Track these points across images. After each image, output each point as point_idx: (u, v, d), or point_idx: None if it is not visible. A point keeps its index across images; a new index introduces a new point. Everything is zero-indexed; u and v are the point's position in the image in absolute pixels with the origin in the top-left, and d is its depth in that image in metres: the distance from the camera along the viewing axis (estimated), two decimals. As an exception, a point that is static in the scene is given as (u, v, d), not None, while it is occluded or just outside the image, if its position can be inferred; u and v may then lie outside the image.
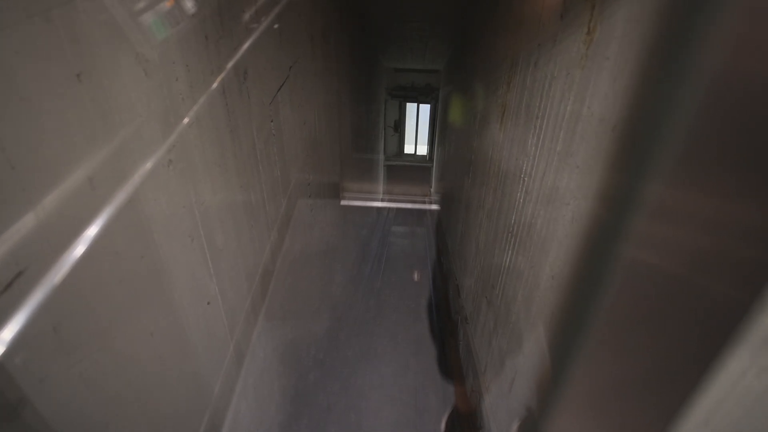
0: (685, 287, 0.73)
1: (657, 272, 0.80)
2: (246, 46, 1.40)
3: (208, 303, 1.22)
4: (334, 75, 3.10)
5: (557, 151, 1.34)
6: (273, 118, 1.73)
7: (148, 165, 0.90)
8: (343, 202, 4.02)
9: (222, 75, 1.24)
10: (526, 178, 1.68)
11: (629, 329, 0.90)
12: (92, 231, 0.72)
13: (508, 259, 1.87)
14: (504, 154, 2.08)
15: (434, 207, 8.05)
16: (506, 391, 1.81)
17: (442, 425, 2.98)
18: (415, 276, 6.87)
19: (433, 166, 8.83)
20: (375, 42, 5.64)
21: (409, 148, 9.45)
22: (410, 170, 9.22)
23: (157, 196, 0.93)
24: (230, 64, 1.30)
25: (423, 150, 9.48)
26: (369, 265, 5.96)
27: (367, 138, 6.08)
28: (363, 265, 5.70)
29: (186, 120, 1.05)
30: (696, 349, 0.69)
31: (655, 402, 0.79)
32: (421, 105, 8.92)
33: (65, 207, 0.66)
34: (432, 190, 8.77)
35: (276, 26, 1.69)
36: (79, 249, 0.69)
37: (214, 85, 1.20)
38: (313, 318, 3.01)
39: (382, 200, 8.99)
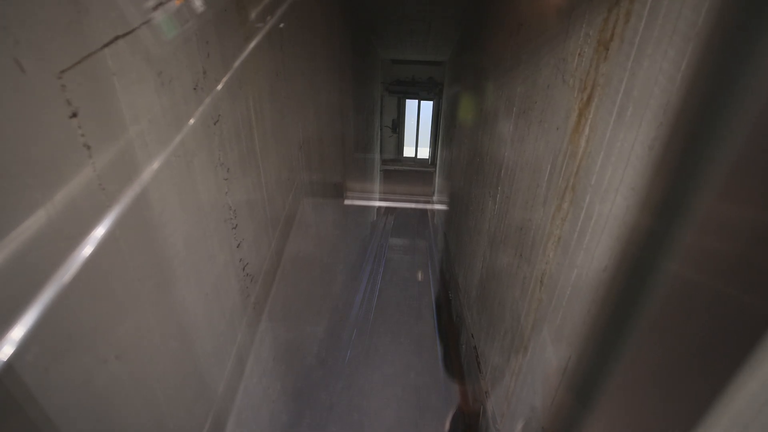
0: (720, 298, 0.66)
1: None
2: None
3: (211, 302, 1.25)
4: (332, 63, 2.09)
5: None
6: (77, 108, 0.71)
7: None
8: (346, 201, 3.03)
9: None
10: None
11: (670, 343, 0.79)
12: (99, 232, 0.73)
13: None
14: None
15: (438, 207, 7.07)
16: None
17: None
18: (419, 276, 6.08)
19: (435, 171, 7.81)
20: (367, 20, 4.62)
21: (408, 151, 8.43)
22: (410, 175, 8.20)
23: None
24: None
25: (425, 153, 8.47)
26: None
27: (359, 140, 5.06)
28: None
29: None
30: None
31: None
32: (422, 102, 7.90)
33: (73, 206, 0.67)
34: (434, 196, 7.76)
35: None
36: (87, 249, 0.70)
37: None
38: (316, 317, 2.91)
39: (378, 209, 7.98)
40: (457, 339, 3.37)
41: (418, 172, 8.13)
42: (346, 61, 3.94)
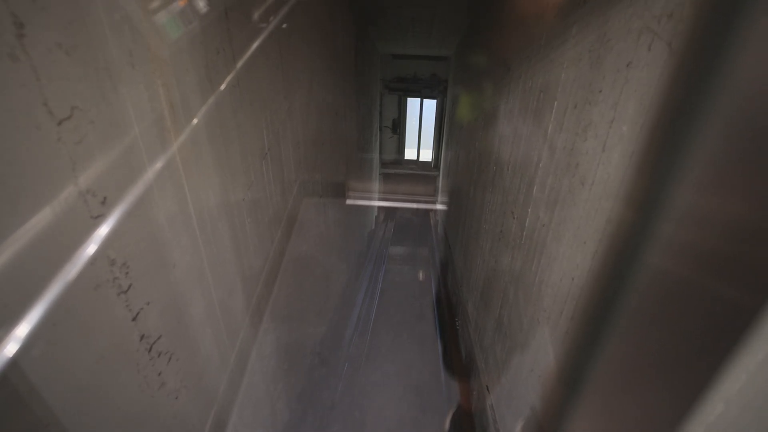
0: (701, 291, 0.70)
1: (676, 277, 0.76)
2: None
3: (215, 301, 1.24)
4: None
5: None
6: None
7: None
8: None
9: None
10: None
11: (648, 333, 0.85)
12: (102, 231, 0.74)
13: None
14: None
15: (440, 207, 6.57)
16: None
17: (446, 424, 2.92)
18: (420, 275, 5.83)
19: (439, 174, 7.26)
20: (364, 8, 4.08)
21: (410, 153, 7.89)
22: (411, 178, 7.65)
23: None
24: None
25: (427, 155, 7.92)
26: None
27: (357, 142, 4.52)
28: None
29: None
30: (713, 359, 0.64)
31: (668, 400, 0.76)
32: (425, 100, 7.36)
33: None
34: (438, 197, 7.21)
35: None
36: (90, 248, 0.72)
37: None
38: (318, 316, 2.90)
39: (377, 217, 7.44)
40: (467, 382, 2.83)
41: (420, 175, 7.58)
42: (346, 51, 3.40)
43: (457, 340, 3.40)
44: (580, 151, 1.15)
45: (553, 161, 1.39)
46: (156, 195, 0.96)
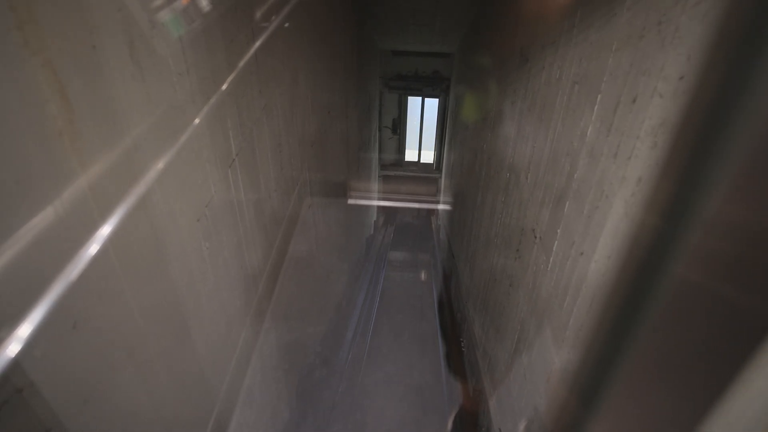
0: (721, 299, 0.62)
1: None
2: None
3: (216, 303, 1.21)
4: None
5: None
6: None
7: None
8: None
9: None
10: None
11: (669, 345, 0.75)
12: (105, 230, 0.72)
13: None
14: None
15: (441, 207, 6.30)
16: None
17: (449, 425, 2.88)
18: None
19: (441, 176, 6.95)
20: (362, 1, 3.77)
21: (411, 154, 7.57)
22: (412, 181, 7.34)
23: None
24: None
25: (429, 156, 7.61)
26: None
27: (355, 143, 4.20)
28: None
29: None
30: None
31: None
32: (426, 99, 7.04)
33: (80, 205, 0.65)
34: (439, 201, 6.90)
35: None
36: (93, 248, 0.69)
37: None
38: (319, 317, 2.88)
39: (376, 222, 7.13)
40: (475, 414, 2.51)
41: (420, 178, 7.27)
42: (342, 46, 3.10)
43: (463, 362, 3.09)
44: (646, 161, 0.84)
45: (595, 172, 1.08)
46: (29, 231, 0.65)
